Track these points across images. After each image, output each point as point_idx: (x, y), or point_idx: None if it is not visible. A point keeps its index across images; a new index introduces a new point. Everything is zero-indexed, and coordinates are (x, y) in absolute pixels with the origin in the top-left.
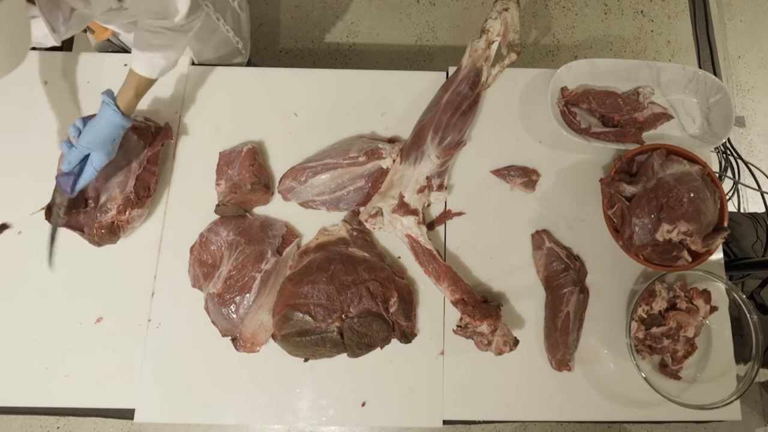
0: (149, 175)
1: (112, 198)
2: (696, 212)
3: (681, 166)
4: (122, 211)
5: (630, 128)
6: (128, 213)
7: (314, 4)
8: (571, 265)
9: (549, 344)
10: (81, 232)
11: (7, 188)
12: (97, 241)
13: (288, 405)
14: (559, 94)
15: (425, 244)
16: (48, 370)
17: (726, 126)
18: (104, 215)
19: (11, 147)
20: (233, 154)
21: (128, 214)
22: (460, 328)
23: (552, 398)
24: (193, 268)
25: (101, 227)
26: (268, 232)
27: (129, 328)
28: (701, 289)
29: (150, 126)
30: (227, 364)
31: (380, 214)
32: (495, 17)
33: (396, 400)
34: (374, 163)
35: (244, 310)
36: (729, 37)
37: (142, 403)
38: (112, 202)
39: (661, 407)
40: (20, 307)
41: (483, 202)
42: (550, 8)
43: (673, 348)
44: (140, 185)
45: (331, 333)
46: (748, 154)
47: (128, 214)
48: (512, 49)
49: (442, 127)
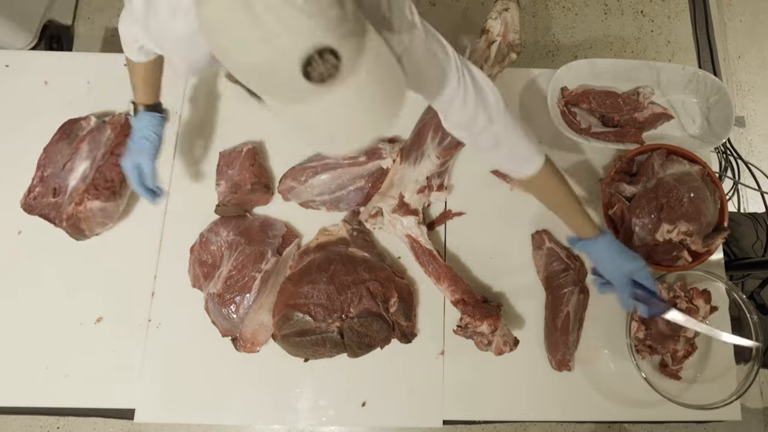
0: (111, 166)
1: (75, 189)
2: (696, 212)
3: (681, 166)
4: (80, 202)
5: (630, 128)
6: (85, 204)
7: None
8: (572, 265)
9: (549, 344)
10: (52, 222)
11: (7, 188)
12: (69, 233)
13: (288, 405)
14: (559, 94)
15: (425, 244)
16: (48, 370)
17: (726, 126)
18: (67, 206)
19: (11, 147)
20: (233, 155)
21: (85, 206)
22: (460, 328)
23: (552, 398)
24: (193, 268)
25: (68, 218)
26: (268, 232)
27: (129, 328)
28: (701, 289)
29: (122, 118)
30: (227, 364)
31: (380, 214)
32: (495, 17)
33: (396, 400)
34: (374, 163)
35: (244, 310)
36: (729, 37)
37: (142, 403)
38: (74, 193)
39: (661, 407)
40: (20, 307)
41: (483, 202)
42: (550, 8)
43: (673, 348)
44: (100, 176)
45: (331, 333)
46: (748, 154)
47: (85, 206)
48: (512, 49)
49: (443, 127)
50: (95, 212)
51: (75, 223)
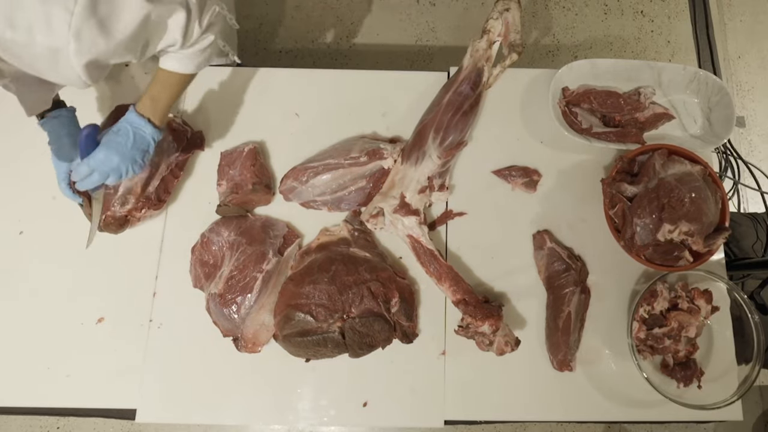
0: (173, 179)
1: (133, 192)
2: (697, 212)
3: (682, 166)
4: (139, 208)
5: (631, 128)
6: (143, 211)
7: (314, 5)
8: (573, 265)
9: (550, 344)
10: (88, 207)
11: (7, 188)
12: (101, 226)
13: (289, 405)
14: (560, 94)
15: (426, 245)
16: (49, 371)
17: (727, 126)
18: (122, 207)
19: (11, 147)
20: (234, 155)
21: (143, 212)
22: (461, 329)
23: (553, 398)
24: (195, 268)
25: (113, 216)
26: (270, 233)
27: (130, 328)
28: (702, 290)
29: (186, 131)
30: (228, 365)
31: (381, 215)
32: (496, 17)
33: (397, 401)
34: (375, 164)
35: (245, 311)
36: (729, 37)
37: (143, 403)
38: (131, 196)
39: (662, 407)
40: (21, 308)
41: (484, 203)
42: (550, 8)
43: (674, 348)
44: (162, 188)
45: (333, 333)
46: (748, 154)
47: (143, 212)
48: (513, 49)
49: (444, 128)
50: (146, 219)
51: (122, 223)
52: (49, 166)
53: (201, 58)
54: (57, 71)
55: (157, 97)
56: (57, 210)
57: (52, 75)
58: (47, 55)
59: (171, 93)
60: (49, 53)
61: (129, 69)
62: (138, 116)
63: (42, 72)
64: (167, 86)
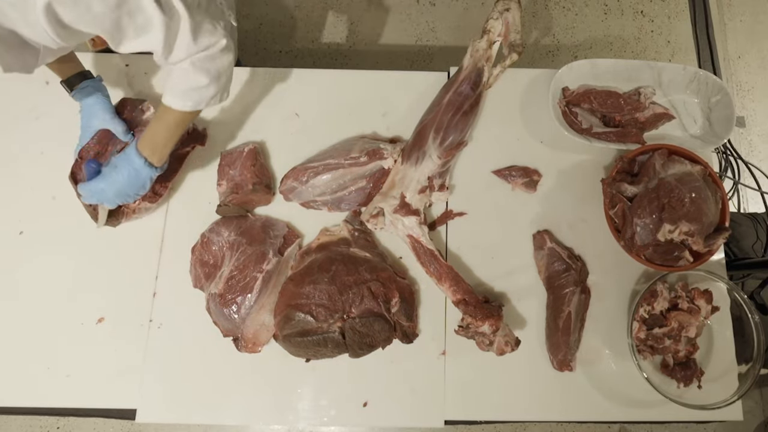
0: (171, 173)
1: None
2: (697, 212)
3: (682, 166)
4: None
5: (631, 128)
6: (138, 203)
7: (314, 5)
8: (573, 265)
9: (550, 344)
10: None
11: (7, 188)
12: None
13: (289, 405)
14: (560, 94)
15: (427, 245)
16: (49, 371)
17: (727, 126)
18: None
19: (11, 147)
20: (235, 155)
21: (138, 204)
22: (461, 329)
23: (553, 398)
24: (195, 268)
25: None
26: (270, 233)
27: (130, 328)
28: (703, 290)
29: (189, 127)
30: (228, 365)
31: (382, 215)
32: (496, 17)
33: (397, 401)
34: (376, 164)
35: (245, 311)
36: (729, 37)
37: (143, 403)
38: None
39: (662, 407)
40: (21, 307)
41: (484, 203)
42: (550, 8)
43: (674, 348)
44: (158, 180)
45: (333, 333)
46: (748, 154)
47: (138, 203)
48: (514, 49)
49: (444, 128)
50: (142, 210)
51: (117, 215)
52: (49, 166)
53: (197, 97)
54: (26, 21)
55: (156, 135)
56: (57, 210)
57: (22, 25)
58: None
59: (169, 131)
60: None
61: (129, 69)
62: (137, 155)
63: (15, 22)
64: (164, 123)
